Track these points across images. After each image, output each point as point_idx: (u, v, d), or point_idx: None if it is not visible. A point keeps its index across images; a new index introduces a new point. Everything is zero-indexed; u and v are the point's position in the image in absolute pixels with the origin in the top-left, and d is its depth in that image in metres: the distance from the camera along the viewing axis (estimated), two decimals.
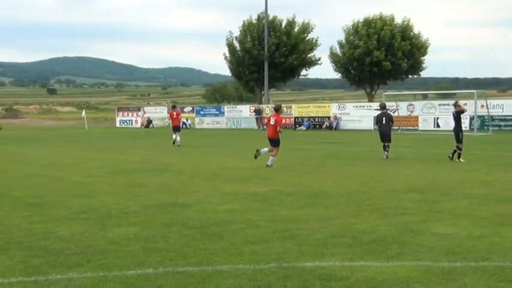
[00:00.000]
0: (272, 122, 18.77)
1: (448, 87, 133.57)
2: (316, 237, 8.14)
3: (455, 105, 20.75)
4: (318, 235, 8.28)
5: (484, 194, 12.19)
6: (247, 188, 13.50)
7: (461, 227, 8.82)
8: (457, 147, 19.78)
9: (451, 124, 21.01)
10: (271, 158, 18.33)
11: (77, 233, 8.56)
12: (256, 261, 6.85)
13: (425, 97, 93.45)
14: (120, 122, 66.85)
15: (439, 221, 9.27)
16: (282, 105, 56.50)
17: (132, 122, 65.28)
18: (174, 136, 29.63)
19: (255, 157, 19.00)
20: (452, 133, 20.28)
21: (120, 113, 68.32)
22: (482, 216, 9.69)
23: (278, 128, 18.50)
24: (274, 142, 18.61)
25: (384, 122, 21.55)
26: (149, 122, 62.38)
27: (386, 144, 21.13)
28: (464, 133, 20.31)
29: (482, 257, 6.98)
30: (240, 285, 5.94)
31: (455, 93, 66.59)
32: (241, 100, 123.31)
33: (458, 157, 19.62)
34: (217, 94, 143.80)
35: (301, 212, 10.30)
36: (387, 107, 25.80)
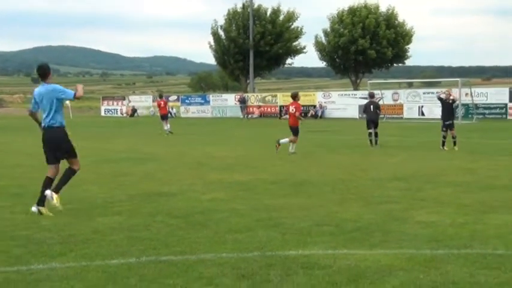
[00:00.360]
0: (292, 110, 18.85)
1: (433, 76, 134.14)
2: (300, 226, 8.14)
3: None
4: (301, 224, 8.28)
5: (468, 182, 12.26)
6: (232, 176, 13.48)
7: (445, 214, 8.86)
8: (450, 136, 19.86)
9: (436, 112, 21.09)
10: (292, 145, 18.62)
11: (60, 222, 8.50)
12: (240, 250, 6.84)
13: (410, 85, 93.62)
14: (105, 111, 66.56)
15: (423, 209, 9.31)
16: (268, 94, 56.98)
17: (117, 111, 65.02)
18: (165, 126, 29.92)
19: (276, 148, 18.68)
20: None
21: (105, 102, 68.06)
22: (466, 203, 9.74)
23: (297, 115, 18.67)
24: (295, 130, 18.73)
25: (371, 109, 21.80)
26: (134, 110, 62.12)
27: (374, 131, 21.23)
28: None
29: (465, 245, 7.00)
30: (223, 274, 5.92)
31: (440, 82, 66.69)
32: (226, 89, 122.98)
33: (442, 145, 19.72)
34: (202, 83, 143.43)
35: (285, 200, 10.30)
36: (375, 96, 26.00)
